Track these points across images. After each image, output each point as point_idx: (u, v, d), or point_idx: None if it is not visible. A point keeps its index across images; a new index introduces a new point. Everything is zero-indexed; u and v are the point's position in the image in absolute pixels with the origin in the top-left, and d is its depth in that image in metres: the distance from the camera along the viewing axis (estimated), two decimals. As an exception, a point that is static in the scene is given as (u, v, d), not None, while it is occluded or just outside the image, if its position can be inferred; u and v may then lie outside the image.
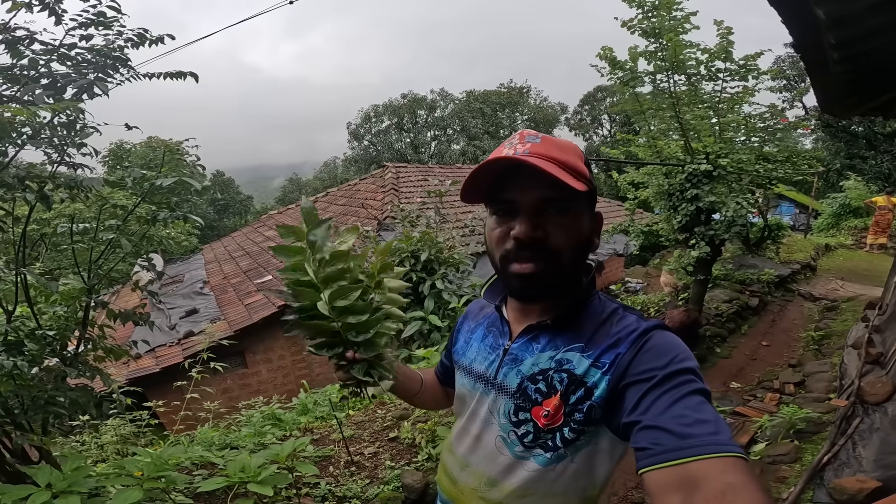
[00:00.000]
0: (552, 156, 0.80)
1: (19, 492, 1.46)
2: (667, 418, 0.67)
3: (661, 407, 0.69)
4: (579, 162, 0.83)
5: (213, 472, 2.23)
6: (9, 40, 1.49)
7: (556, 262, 0.83)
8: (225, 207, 28.98)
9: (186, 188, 1.69)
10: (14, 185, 1.47)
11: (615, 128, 29.89)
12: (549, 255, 0.82)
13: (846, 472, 2.30)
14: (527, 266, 0.83)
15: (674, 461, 0.63)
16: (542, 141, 0.83)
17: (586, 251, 0.87)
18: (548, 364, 0.85)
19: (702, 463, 0.62)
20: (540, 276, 0.83)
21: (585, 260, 0.89)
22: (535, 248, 0.82)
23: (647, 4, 4.60)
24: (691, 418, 0.66)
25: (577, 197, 0.81)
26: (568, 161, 0.80)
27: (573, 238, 0.83)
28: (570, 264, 0.84)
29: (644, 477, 0.66)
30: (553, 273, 0.83)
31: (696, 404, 0.68)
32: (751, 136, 5.78)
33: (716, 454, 0.62)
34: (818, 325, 6.34)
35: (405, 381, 1.12)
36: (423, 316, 4.07)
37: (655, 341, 0.78)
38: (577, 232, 0.83)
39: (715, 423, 0.66)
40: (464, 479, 0.97)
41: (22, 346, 1.78)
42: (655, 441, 0.66)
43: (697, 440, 0.63)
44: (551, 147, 0.82)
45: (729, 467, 0.61)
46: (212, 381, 3.93)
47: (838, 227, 15.22)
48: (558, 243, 0.82)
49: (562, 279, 0.85)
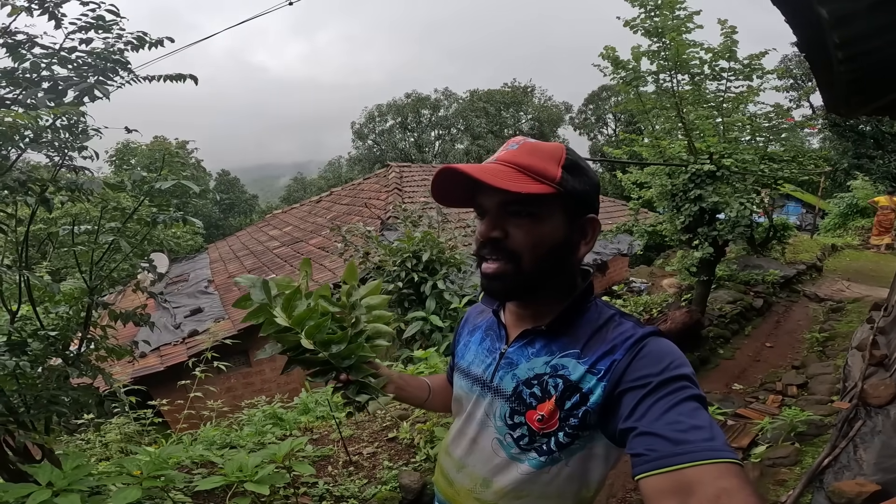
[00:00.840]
0: (516, 161, 0.82)
1: (20, 490, 1.48)
2: (662, 425, 0.68)
3: (656, 413, 0.70)
4: (550, 165, 0.83)
5: (212, 471, 2.25)
6: (10, 44, 1.51)
7: (516, 262, 0.84)
8: (230, 206, 29.11)
9: (186, 191, 1.70)
10: (16, 188, 1.49)
11: (620, 127, 29.78)
12: (510, 256, 0.84)
13: (846, 476, 2.29)
14: (490, 266, 0.86)
15: (669, 467, 0.64)
16: (519, 148, 0.85)
17: (559, 254, 0.86)
18: (543, 369, 0.86)
19: (696, 469, 0.62)
20: (501, 275, 0.85)
21: (561, 264, 0.88)
22: (495, 247, 0.85)
23: (649, 4, 4.58)
24: (686, 424, 0.67)
25: (541, 200, 0.82)
26: (531, 165, 0.82)
27: (534, 239, 0.83)
28: (532, 265, 0.84)
29: (640, 483, 0.68)
30: (512, 273, 0.85)
31: (690, 410, 0.69)
32: (756, 136, 5.75)
33: (710, 460, 0.63)
34: (823, 327, 6.30)
35: (411, 390, 1.17)
36: (424, 316, 4.08)
37: (651, 348, 0.79)
38: (539, 233, 0.84)
39: (710, 429, 0.67)
40: (460, 480, 0.98)
41: (25, 345, 1.80)
42: (651, 447, 0.67)
43: (692, 446, 0.64)
44: (523, 153, 0.84)
45: (723, 473, 0.62)
46: (216, 379, 3.96)
47: (845, 227, 15.11)
48: (516, 244, 0.84)
49: (525, 280, 0.86)
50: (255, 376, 6.71)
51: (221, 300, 7.90)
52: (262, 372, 6.74)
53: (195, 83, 1.79)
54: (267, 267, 8.95)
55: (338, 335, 0.91)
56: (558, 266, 0.88)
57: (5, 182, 1.42)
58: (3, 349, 1.71)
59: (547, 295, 0.90)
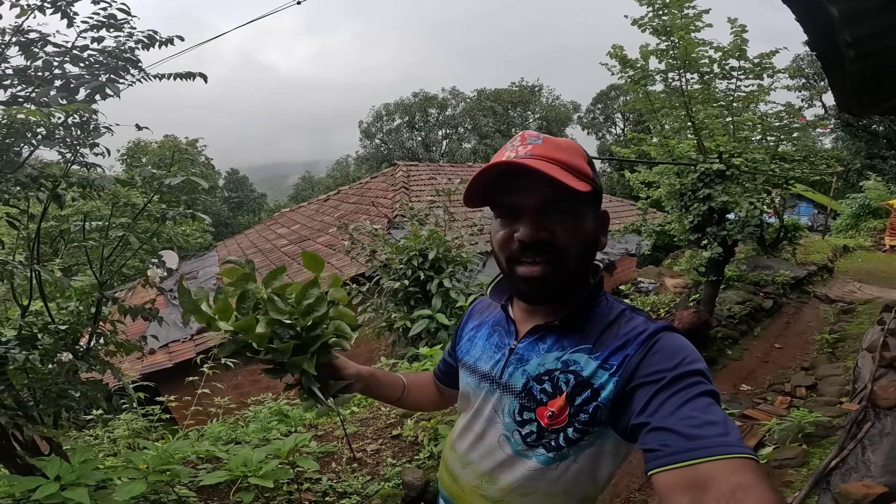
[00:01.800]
0: (553, 156, 0.80)
1: (28, 483, 1.50)
2: (675, 420, 0.67)
3: (669, 409, 0.69)
4: (581, 161, 0.83)
5: (217, 466, 2.27)
6: (23, 42, 1.54)
7: (562, 261, 0.83)
8: (239, 205, 29.33)
9: (194, 187, 1.72)
10: (28, 184, 1.51)
11: (628, 127, 29.61)
12: (555, 257, 0.82)
13: (853, 477, 2.26)
14: (534, 269, 0.83)
15: (683, 462, 0.63)
16: (544, 142, 0.83)
17: (592, 250, 0.87)
18: (554, 365, 0.85)
19: (711, 464, 0.62)
20: (547, 278, 0.83)
21: (592, 259, 0.89)
22: (540, 248, 0.82)
23: (657, 2, 4.55)
24: (700, 420, 0.66)
25: (580, 197, 0.80)
26: (569, 161, 0.81)
27: (578, 238, 0.83)
28: (576, 264, 0.84)
29: (653, 478, 0.67)
30: (560, 274, 0.84)
31: (704, 406, 0.68)
32: (766, 135, 5.70)
33: (725, 455, 0.62)
34: (833, 328, 6.24)
35: (381, 387, 1.14)
36: (430, 314, 4.08)
37: (664, 343, 0.78)
38: (581, 231, 0.83)
39: (724, 425, 0.66)
40: (465, 476, 0.97)
41: (36, 340, 1.83)
42: (664, 443, 0.66)
43: (707, 441, 0.63)
44: (552, 148, 0.82)
45: (738, 468, 0.61)
46: (223, 376, 3.98)
47: (857, 228, 14.92)
48: (563, 243, 0.82)
49: (568, 279, 0.85)
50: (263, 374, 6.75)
51: (229, 297, 7.95)
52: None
53: (205, 81, 1.80)
54: (275, 265, 8.97)
55: (282, 345, 0.88)
56: (590, 263, 0.89)
57: (18, 178, 1.45)
58: (14, 343, 1.74)
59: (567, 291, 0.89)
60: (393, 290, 4.39)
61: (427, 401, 1.25)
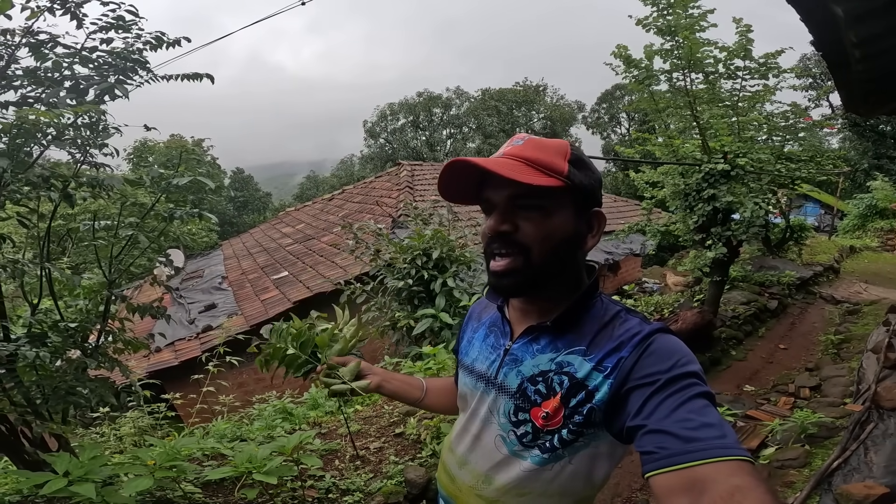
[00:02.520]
0: (524, 155, 0.82)
1: (37, 478, 1.52)
2: (671, 422, 0.68)
3: (665, 411, 0.69)
4: (557, 159, 0.83)
5: (222, 462, 2.30)
6: (33, 43, 1.56)
7: (526, 256, 0.83)
8: (244, 204, 29.44)
9: (201, 187, 1.74)
10: (39, 183, 1.54)
11: (633, 126, 29.49)
12: (520, 250, 0.84)
13: (855, 478, 2.26)
14: (500, 263, 0.85)
15: (680, 465, 0.64)
16: (525, 143, 0.85)
17: (568, 248, 0.86)
18: (548, 366, 0.86)
19: (709, 466, 0.62)
20: (511, 271, 0.85)
21: (569, 258, 0.87)
22: (504, 241, 0.84)
23: (661, 2, 4.54)
24: (697, 422, 0.66)
25: (550, 194, 0.81)
26: (539, 159, 0.82)
27: (544, 233, 0.83)
28: (542, 259, 0.84)
29: (650, 481, 0.67)
30: (523, 268, 0.84)
31: (700, 408, 0.69)
32: (772, 136, 5.67)
33: (723, 458, 0.62)
34: (838, 329, 6.21)
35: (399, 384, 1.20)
36: (433, 313, 4.10)
37: (658, 345, 0.78)
38: (549, 227, 0.83)
39: (720, 427, 0.66)
40: (462, 476, 0.98)
41: (45, 337, 1.86)
42: (661, 445, 0.67)
43: (704, 444, 0.64)
44: (530, 148, 0.84)
45: (736, 470, 0.61)
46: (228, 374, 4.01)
47: (864, 228, 14.80)
48: (528, 238, 0.83)
49: (535, 275, 0.85)
50: (267, 372, 6.78)
51: (235, 296, 8.01)
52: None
53: (212, 82, 1.82)
54: (279, 263, 9.04)
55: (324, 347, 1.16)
56: (567, 260, 0.88)
57: (28, 178, 1.47)
58: (24, 341, 1.77)
59: (553, 291, 0.89)
60: (397, 289, 4.40)
61: (448, 403, 1.24)
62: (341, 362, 1.13)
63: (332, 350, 1.15)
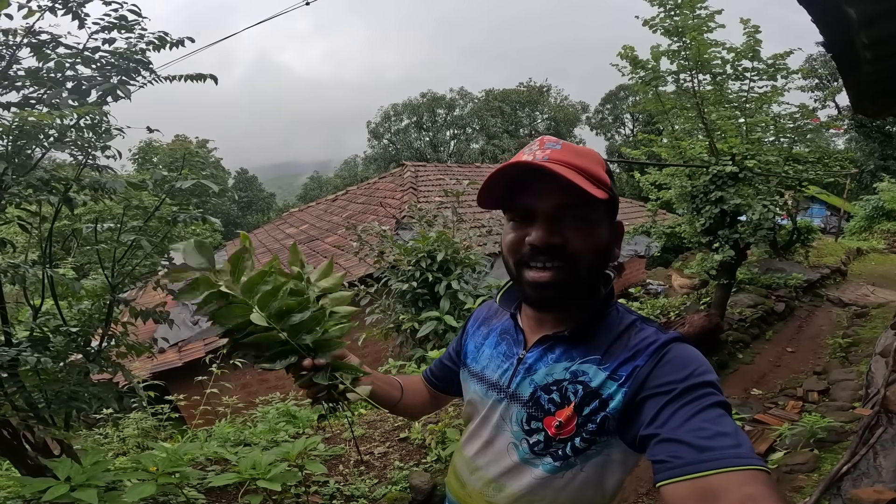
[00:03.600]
0: (571, 162, 0.79)
1: (39, 484, 1.51)
2: (685, 431, 0.67)
3: (679, 420, 0.69)
4: (600, 169, 0.82)
5: (226, 468, 2.28)
6: (34, 44, 1.54)
7: (573, 268, 0.82)
8: (248, 204, 29.55)
9: (205, 190, 1.72)
10: (40, 186, 1.52)
11: (638, 127, 29.43)
12: (566, 263, 0.81)
13: (865, 483, 2.24)
14: (544, 274, 0.82)
15: (693, 474, 0.63)
16: (563, 147, 0.82)
17: (605, 260, 0.86)
18: (562, 375, 0.85)
19: (722, 476, 0.61)
20: (556, 284, 0.82)
21: (603, 270, 0.88)
22: (552, 253, 0.81)
23: (669, 3, 4.51)
24: (711, 431, 0.66)
25: (597, 205, 0.80)
26: (587, 168, 0.80)
27: (590, 246, 0.82)
28: (588, 272, 0.83)
29: (662, 490, 0.66)
30: (570, 281, 0.82)
31: (715, 417, 0.68)
32: (780, 137, 5.63)
33: (736, 467, 0.61)
34: (846, 332, 6.15)
35: (382, 385, 1.07)
36: (438, 316, 4.07)
37: (674, 354, 0.78)
38: (594, 240, 0.82)
39: (735, 436, 0.65)
40: (472, 482, 0.97)
41: (47, 341, 1.84)
42: (674, 454, 0.66)
43: (717, 453, 0.63)
44: (570, 154, 0.81)
45: (749, 480, 0.60)
46: (231, 376, 4.00)
47: (871, 230, 14.71)
48: (576, 249, 0.81)
49: (578, 287, 0.84)
50: (270, 373, 6.76)
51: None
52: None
53: (215, 83, 1.81)
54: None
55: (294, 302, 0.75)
56: (602, 272, 0.87)
57: (29, 181, 1.45)
58: (26, 345, 1.75)
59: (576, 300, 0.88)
60: (401, 291, 4.38)
61: (420, 403, 1.21)
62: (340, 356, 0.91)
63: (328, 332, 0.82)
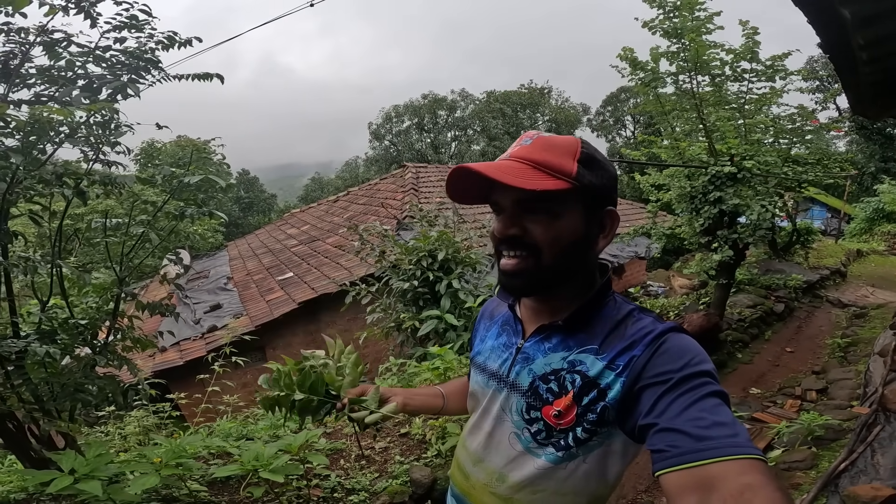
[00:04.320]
0: (530, 157, 0.82)
1: (43, 476, 1.53)
2: (683, 421, 0.67)
3: (677, 409, 0.69)
4: (565, 160, 0.82)
5: (227, 461, 2.30)
6: (47, 42, 1.58)
7: (536, 257, 0.84)
8: (249, 205, 29.57)
9: (212, 185, 1.76)
10: (52, 181, 1.55)
11: (639, 129, 29.44)
12: (530, 252, 0.84)
13: (862, 480, 2.26)
14: (510, 262, 0.86)
15: (690, 463, 0.64)
16: (533, 143, 0.85)
17: (579, 249, 0.86)
18: (560, 364, 0.86)
19: (719, 465, 0.62)
20: (521, 271, 0.85)
21: (580, 258, 0.87)
22: (515, 244, 0.85)
23: (668, 5, 4.54)
24: (708, 421, 0.66)
25: (556, 196, 0.81)
26: (547, 161, 0.81)
27: (552, 234, 0.83)
28: (552, 261, 0.84)
29: (661, 479, 0.67)
30: (533, 269, 0.85)
31: (712, 407, 0.68)
32: (779, 138, 5.65)
33: (734, 456, 0.62)
34: (845, 332, 6.17)
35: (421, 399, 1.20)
36: (439, 315, 4.10)
37: (671, 344, 0.78)
38: (558, 228, 0.83)
39: (733, 426, 0.66)
40: (476, 473, 0.98)
41: (55, 335, 1.87)
42: (672, 443, 0.66)
43: (715, 442, 0.64)
44: (537, 149, 0.83)
45: (747, 469, 0.61)
46: (232, 374, 4.03)
47: (871, 232, 14.71)
48: (535, 239, 0.83)
49: (545, 276, 0.85)
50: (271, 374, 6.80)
51: (240, 297, 8.03)
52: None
53: (221, 82, 1.84)
54: (284, 264, 9.07)
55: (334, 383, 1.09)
56: (578, 261, 0.88)
57: (41, 176, 1.49)
58: (34, 338, 1.78)
59: (565, 290, 0.89)
60: (402, 290, 4.41)
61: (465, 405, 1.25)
62: (360, 392, 1.08)
63: (345, 382, 1.10)
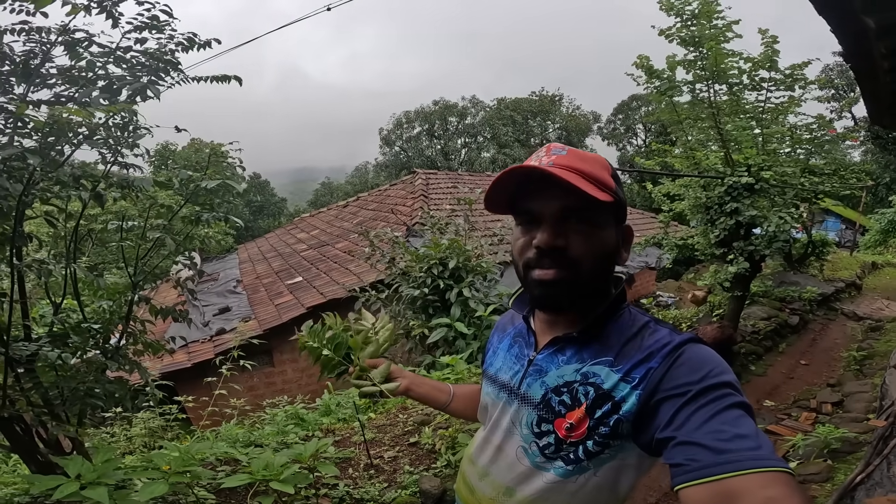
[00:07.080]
0: (576, 167, 0.81)
1: (49, 482, 1.50)
2: (703, 433, 0.66)
3: (696, 422, 0.68)
4: (604, 174, 0.83)
5: (235, 468, 2.27)
6: (68, 42, 1.58)
7: (576, 270, 0.83)
8: (260, 209, 29.83)
9: (229, 190, 1.74)
10: (69, 183, 1.54)
11: (650, 137, 29.30)
12: (570, 264, 0.83)
13: (878, 492, 2.22)
14: (548, 273, 0.83)
15: (711, 477, 0.62)
16: (568, 153, 0.84)
17: (611, 263, 0.87)
18: (573, 377, 0.85)
19: (741, 478, 0.60)
20: (559, 282, 0.83)
21: (610, 272, 0.88)
22: (556, 256, 0.83)
23: (686, 13, 4.51)
24: (729, 433, 0.64)
25: (600, 208, 0.81)
26: (592, 172, 0.81)
27: (594, 248, 0.83)
28: (590, 274, 0.84)
29: (680, 493, 0.65)
30: (572, 281, 0.83)
31: (734, 419, 0.66)
32: (796, 148, 5.58)
33: (756, 469, 0.60)
34: (861, 345, 6.07)
35: (427, 388, 1.22)
36: (448, 323, 4.07)
37: (689, 355, 0.76)
38: (599, 242, 0.83)
39: (755, 438, 0.64)
40: (482, 488, 0.97)
41: (67, 337, 1.86)
42: (692, 457, 0.65)
43: (736, 455, 0.62)
44: (576, 159, 0.83)
45: (770, 481, 0.59)
46: (239, 378, 4.01)
47: (886, 244, 14.49)
48: (579, 252, 0.82)
49: (581, 289, 0.85)
50: (278, 376, 6.79)
51: (249, 300, 8.05)
52: (284, 372, 6.83)
53: (240, 84, 1.83)
54: (294, 269, 9.09)
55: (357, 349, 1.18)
56: (608, 274, 0.88)
57: (59, 177, 1.48)
58: (46, 341, 1.77)
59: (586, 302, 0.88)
60: (412, 297, 4.39)
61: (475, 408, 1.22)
62: (373, 364, 1.14)
63: (364, 352, 1.17)
